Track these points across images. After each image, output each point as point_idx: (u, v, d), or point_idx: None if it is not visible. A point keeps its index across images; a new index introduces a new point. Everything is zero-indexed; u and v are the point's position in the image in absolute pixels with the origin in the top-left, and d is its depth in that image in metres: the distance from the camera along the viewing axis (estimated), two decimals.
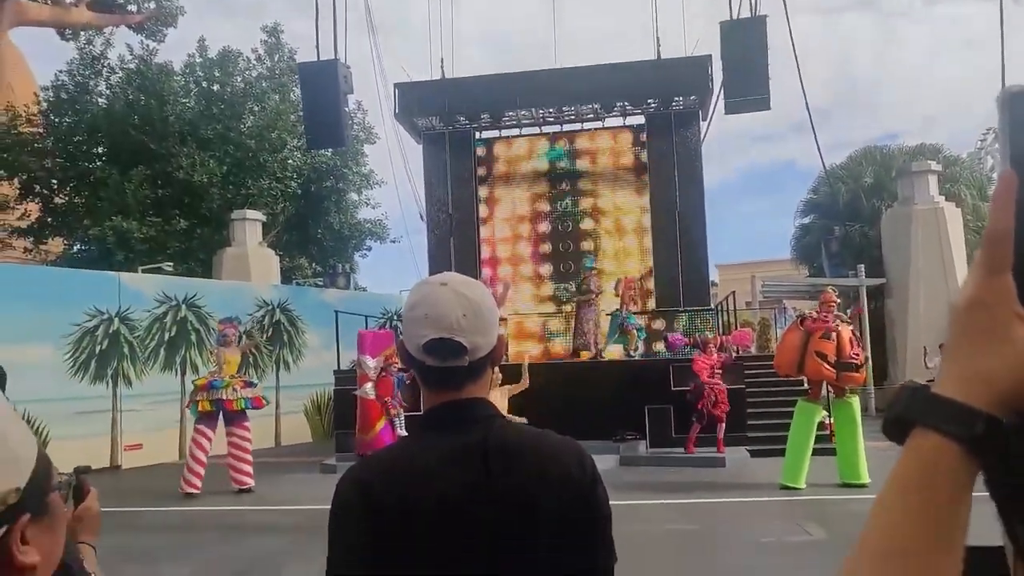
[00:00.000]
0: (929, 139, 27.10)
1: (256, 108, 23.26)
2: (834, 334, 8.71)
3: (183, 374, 14.61)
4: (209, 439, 10.15)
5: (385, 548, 1.22)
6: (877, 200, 23.35)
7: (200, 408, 10.08)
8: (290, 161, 23.21)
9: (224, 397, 10.01)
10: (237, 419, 10.20)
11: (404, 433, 11.85)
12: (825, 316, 8.92)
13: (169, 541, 7.06)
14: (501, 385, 7.81)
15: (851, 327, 9.08)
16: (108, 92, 22.98)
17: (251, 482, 10.07)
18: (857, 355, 8.79)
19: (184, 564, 6.06)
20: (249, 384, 10.62)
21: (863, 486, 8.55)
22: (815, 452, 9.12)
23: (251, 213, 20.26)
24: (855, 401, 9.06)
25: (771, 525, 6.85)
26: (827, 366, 8.71)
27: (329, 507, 1.29)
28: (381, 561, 1.22)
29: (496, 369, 7.49)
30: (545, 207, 17.23)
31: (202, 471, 9.80)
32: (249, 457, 10.26)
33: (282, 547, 6.84)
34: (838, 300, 9.23)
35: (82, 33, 24.97)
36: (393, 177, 53.04)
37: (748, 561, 5.78)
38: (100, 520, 1.56)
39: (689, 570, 5.63)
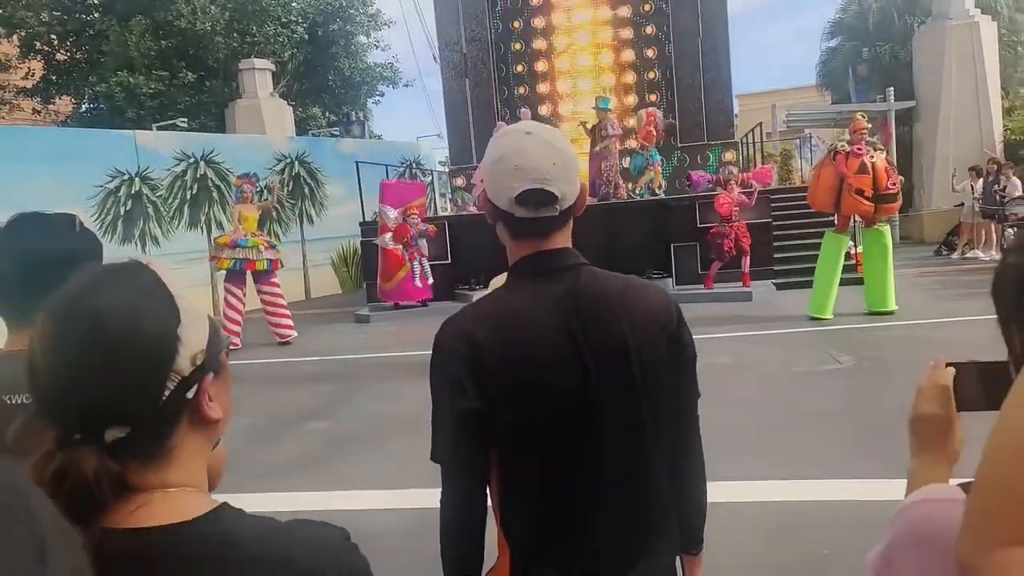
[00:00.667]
0: None
1: None
2: (870, 166, 8.53)
3: (209, 231, 14.79)
4: (238, 296, 10.39)
5: (492, 388, 1.29)
6: (909, 17, 22.08)
7: (219, 266, 10.27)
8: (294, 4, 22.19)
9: (245, 257, 10.17)
10: (263, 276, 10.41)
11: (429, 281, 12.10)
12: (858, 147, 8.68)
13: None
14: None
15: (884, 154, 8.83)
16: None
17: (292, 333, 10.45)
18: (895, 184, 8.59)
19: (240, 415, 6.44)
20: (271, 246, 10.71)
21: (891, 313, 8.70)
22: (841, 282, 9.23)
23: (259, 62, 19.67)
24: (886, 229, 8.99)
25: (802, 355, 7.07)
26: (864, 201, 8.61)
27: (431, 353, 1.36)
28: (490, 396, 1.29)
29: None
30: (563, 41, 16.50)
31: (237, 328, 10.12)
32: (285, 310, 10.58)
33: (330, 393, 7.22)
34: (868, 126, 8.92)
35: None
36: (403, 15, 50.87)
37: (782, 391, 6.02)
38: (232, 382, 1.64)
39: (725, 402, 5.90)
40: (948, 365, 1.00)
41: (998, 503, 0.59)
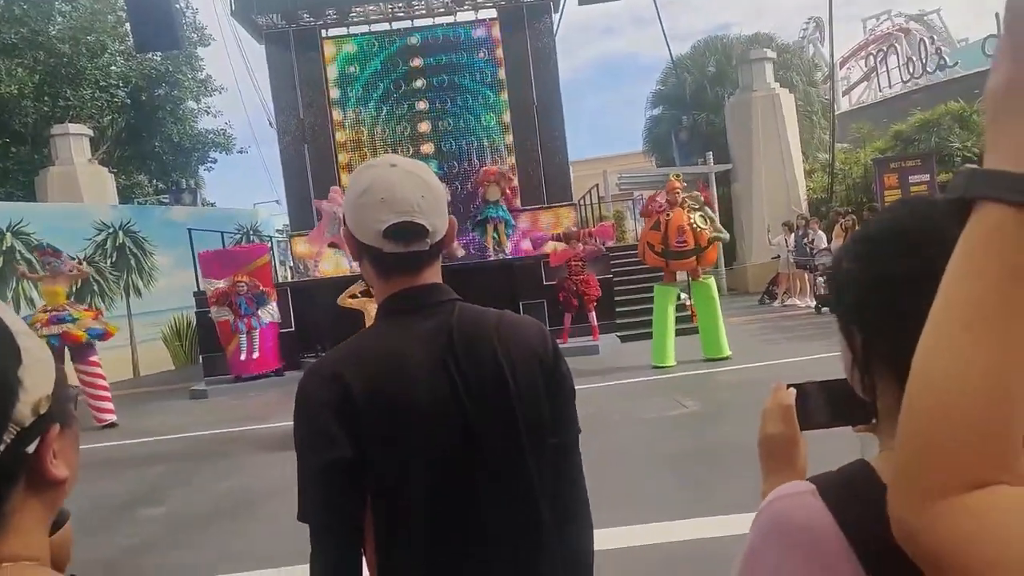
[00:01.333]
0: (761, 28, 28.23)
1: (66, 8, 20.71)
2: (663, 224, 9.14)
3: (17, 308, 13.37)
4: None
5: (365, 433, 1.18)
6: (720, 88, 24.31)
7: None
8: (113, 68, 21.06)
9: (68, 331, 9.18)
10: (83, 353, 9.40)
11: (254, 355, 11.51)
12: (659, 205, 9.36)
13: None
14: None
15: (696, 211, 9.34)
16: None
17: (111, 417, 9.47)
18: (684, 242, 9.10)
19: (70, 503, 5.71)
20: (98, 317, 9.81)
21: (726, 358, 9.23)
22: (682, 332, 9.72)
23: (74, 127, 18.36)
24: (711, 282, 9.59)
25: (649, 402, 7.30)
26: (653, 254, 9.39)
27: (293, 410, 1.22)
28: (363, 443, 1.17)
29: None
30: (402, 108, 16.69)
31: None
32: (107, 391, 9.60)
33: (165, 476, 6.59)
34: (681, 185, 9.55)
35: None
36: (235, 82, 49.53)
37: (632, 436, 6.16)
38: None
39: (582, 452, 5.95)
40: (789, 387, 1.04)
41: (921, 456, 0.58)
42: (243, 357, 11.45)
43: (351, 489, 1.18)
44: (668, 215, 9.19)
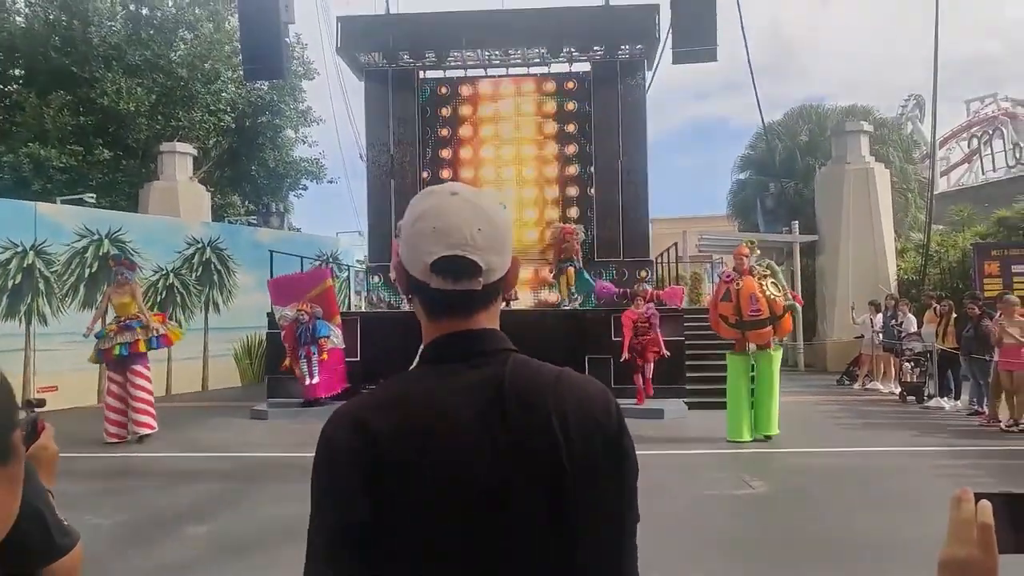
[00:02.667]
0: (856, 102, 27.64)
1: (188, 36, 22.02)
2: (734, 293, 8.80)
3: (105, 312, 13.94)
4: (118, 383, 9.49)
5: (388, 496, 1.04)
6: (811, 158, 23.78)
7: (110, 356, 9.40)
8: (224, 94, 22.14)
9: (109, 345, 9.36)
10: (133, 361, 9.48)
11: (314, 380, 11.59)
12: (726, 275, 9.07)
13: (97, 489, 6.73)
14: None
15: (766, 279, 8.94)
16: (27, 11, 21.37)
17: (143, 431, 9.33)
18: (758, 311, 8.72)
19: (116, 512, 5.80)
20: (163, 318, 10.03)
21: (768, 438, 8.71)
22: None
23: (181, 146, 19.31)
24: (775, 353, 9.07)
25: (712, 477, 6.95)
26: (726, 327, 9.06)
27: (313, 454, 1.11)
28: (384, 507, 1.04)
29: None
30: (489, 152, 16.92)
31: (114, 416, 9.29)
32: (144, 404, 9.48)
33: (214, 494, 6.63)
34: (749, 252, 9.19)
35: None
36: (333, 115, 51.39)
37: (690, 513, 5.85)
38: (58, 462, 1.31)
39: (644, 517, 5.69)
40: (980, 497, 0.84)
41: None
42: (307, 382, 11.58)
43: (361, 562, 1.04)
44: (738, 284, 8.87)
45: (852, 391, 14.25)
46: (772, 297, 8.73)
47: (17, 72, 21.36)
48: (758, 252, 9.54)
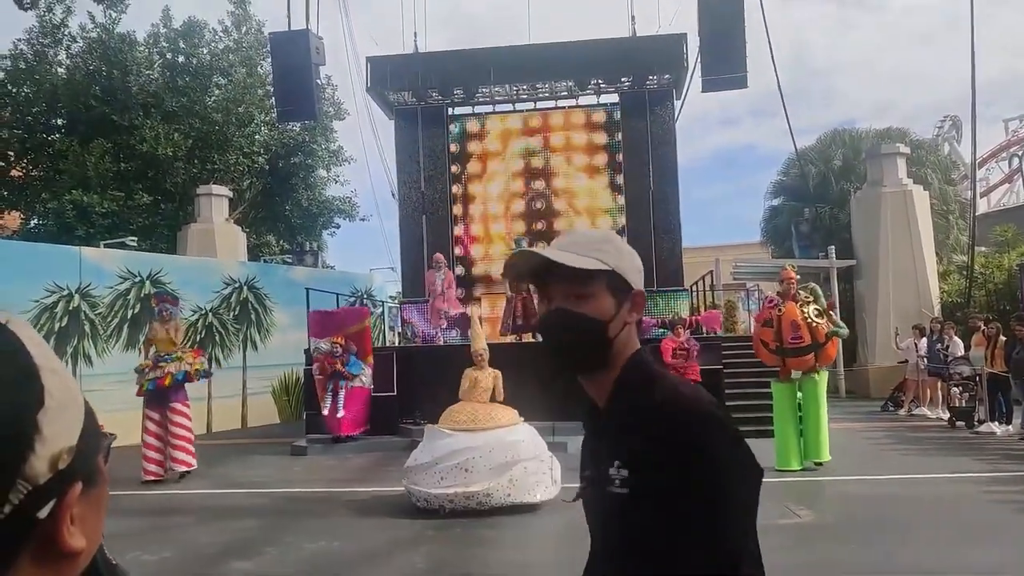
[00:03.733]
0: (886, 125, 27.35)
1: (223, 81, 22.63)
2: (775, 319, 8.65)
3: (147, 354, 14.18)
4: (156, 421, 9.46)
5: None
6: (846, 182, 23.53)
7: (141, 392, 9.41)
8: (257, 136, 22.67)
9: (158, 375, 9.32)
10: (171, 396, 9.44)
11: (339, 415, 11.60)
12: (770, 300, 8.93)
13: (142, 526, 6.77)
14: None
15: (810, 304, 8.78)
16: (68, 62, 22.15)
17: (181, 468, 9.26)
18: (799, 338, 8.53)
19: (161, 549, 5.82)
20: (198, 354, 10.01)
21: (820, 464, 8.50)
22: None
23: (217, 188, 19.73)
24: (820, 378, 8.85)
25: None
26: (767, 352, 8.90)
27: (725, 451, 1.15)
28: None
29: (487, 354, 7.19)
30: (519, 186, 17.02)
31: (152, 454, 9.26)
32: (183, 442, 9.42)
33: (256, 530, 6.62)
34: (797, 276, 9.05)
35: (42, 1, 23.97)
36: (364, 153, 52.41)
37: None
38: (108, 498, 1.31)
39: None
40: None
41: None
42: (326, 413, 11.62)
43: None
44: (780, 309, 8.72)
45: (898, 417, 13.88)
46: (815, 324, 8.55)
47: (59, 121, 22.08)
48: (799, 276, 9.36)
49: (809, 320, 8.54)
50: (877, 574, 4.66)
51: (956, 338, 13.01)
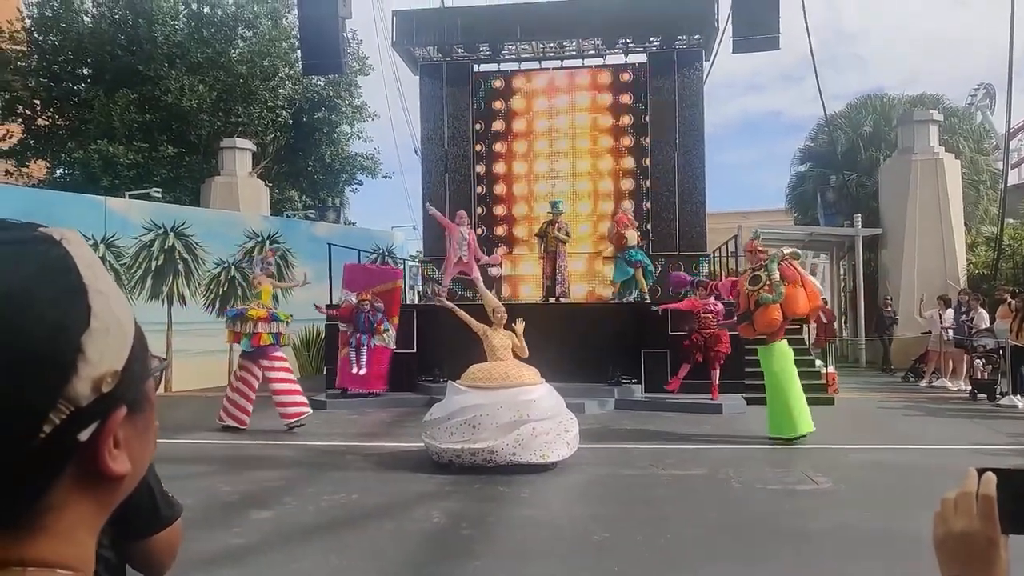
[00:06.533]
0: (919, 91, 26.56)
1: (248, 33, 22.47)
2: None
3: (170, 304, 14.38)
4: (247, 370, 9.60)
5: None
6: (875, 150, 23.10)
7: (262, 341, 9.44)
8: (281, 90, 22.55)
9: (279, 331, 9.63)
10: (267, 351, 9.57)
11: (360, 371, 11.71)
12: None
13: (164, 473, 6.84)
14: (506, 327, 7.57)
15: (759, 271, 8.41)
16: (94, 10, 22.07)
17: (287, 422, 9.33)
18: (739, 308, 8.57)
19: (183, 497, 5.90)
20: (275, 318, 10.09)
21: (776, 439, 8.17)
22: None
23: (241, 142, 19.74)
24: (768, 350, 8.51)
25: (774, 473, 6.79)
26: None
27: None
28: None
29: (502, 309, 7.22)
30: (544, 146, 16.86)
31: (239, 400, 9.45)
32: (287, 396, 9.51)
33: (277, 481, 6.74)
34: (762, 248, 8.72)
35: None
36: (388, 109, 51.97)
37: (754, 508, 5.72)
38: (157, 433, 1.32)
39: (699, 514, 5.60)
40: (984, 472, 0.79)
41: None
42: (351, 370, 11.73)
43: None
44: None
45: (919, 389, 13.79)
46: (748, 292, 8.32)
47: (85, 71, 22.08)
48: (764, 249, 9.02)
49: (747, 289, 8.41)
50: (895, 538, 4.67)
51: (981, 310, 12.85)
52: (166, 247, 14.45)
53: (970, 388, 12.38)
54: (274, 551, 4.81)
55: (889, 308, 16.53)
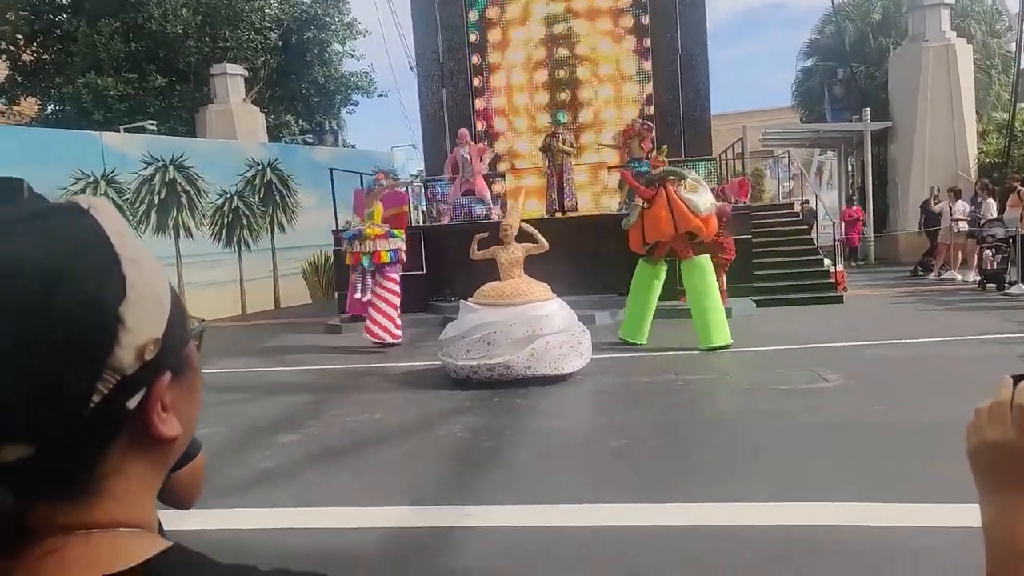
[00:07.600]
0: None
1: None
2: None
3: (177, 237, 14.39)
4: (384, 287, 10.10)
5: None
6: (885, 38, 22.42)
7: (381, 259, 9.94)
8: (267, 10, 21.91)
9: (400, 248, 10.07)
10: (385, 269, 10.05)
11: (366, 297, 11.78)
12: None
13: None
14: (519, 242, 7.57)
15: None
16: None
17: (372, 339, 9.78)
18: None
19: (212, 424, 6.09)
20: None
21: (716, 348, 8.16)
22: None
23: (232, 67, 19.32)
24: (689, 263, 8.66)
25: (785, 373, 6.88)
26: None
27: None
28: None
29: (511, 227, 7.18)
30: (541, 53, 16.41)
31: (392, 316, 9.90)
32: (383, 318, 9.91)
33: (300, 405, 6.90)
34: (663, 161, 8.97)
35: None
36: (379, 25, 50.44)
37: (770, 406, 5.83)
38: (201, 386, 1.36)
39: (712, 417, 5.72)
40: (1016, 381, 0.77)
41: None
42: (355, 295, 11.80)
43: None
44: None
45: (927, 282, 13.82)
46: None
47: (65, 1, 21.44)
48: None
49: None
50: (908, 430, 4.78)
51: (990, 199, 12.73)
52: (167, 180, 14.35)
53: (979, 279, 12.40)
54: (306, 472, 4.96)
55: (938, 202, 15.03)
